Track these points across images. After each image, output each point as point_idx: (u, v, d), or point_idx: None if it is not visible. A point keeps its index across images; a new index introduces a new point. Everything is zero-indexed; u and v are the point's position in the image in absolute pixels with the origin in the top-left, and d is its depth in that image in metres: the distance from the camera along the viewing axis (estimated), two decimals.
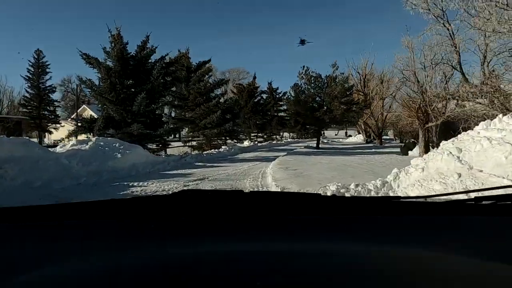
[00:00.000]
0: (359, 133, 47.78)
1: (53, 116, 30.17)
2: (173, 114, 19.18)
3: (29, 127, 28.66)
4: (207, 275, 0.45)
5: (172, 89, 12.72)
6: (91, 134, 10.29)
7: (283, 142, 27.96)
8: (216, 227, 0.72)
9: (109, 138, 9.38)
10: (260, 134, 26.81)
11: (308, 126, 41.53)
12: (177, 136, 21.72)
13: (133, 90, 10.64)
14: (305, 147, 19.91)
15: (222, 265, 0.50)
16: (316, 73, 18.02)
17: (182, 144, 16.54)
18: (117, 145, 8.89)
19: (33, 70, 33.72)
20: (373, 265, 0.51)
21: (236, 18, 78.00)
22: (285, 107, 31.61)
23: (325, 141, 30.93)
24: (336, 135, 73.43)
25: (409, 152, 12.08)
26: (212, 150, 14.43)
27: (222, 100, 17.28)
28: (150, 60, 11.04)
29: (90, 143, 8.51)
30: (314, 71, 18.11)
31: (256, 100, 25.80)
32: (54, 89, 33.16)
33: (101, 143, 8.71)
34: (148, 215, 0.79)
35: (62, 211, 0.83)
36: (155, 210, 0.81)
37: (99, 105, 10.81)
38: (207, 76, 16.25)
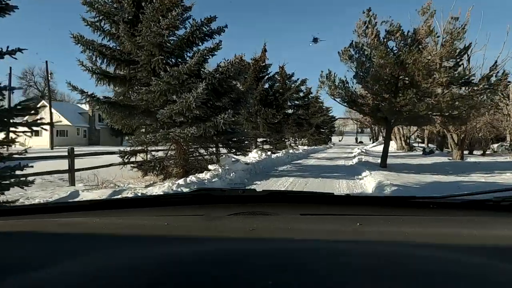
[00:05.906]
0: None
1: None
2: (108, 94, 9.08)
3: None
4: (219, 273, 0.44)
5: None
6: None
7: (301, 151, 19.17)
8: (229, 225, 0.73)
9: None
10: (268, 140, 17.92)
11: (322, 130, 32.78)
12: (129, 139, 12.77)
13: None
14: (358, 163, 11.13)
15: (234, 263, 0.49)
16: (394, 24, 9.36)
17: (121, 162, 7.50)
18: None
19: None
20: (388, 264, 0.49)
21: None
22: (295, 103, 22.86)
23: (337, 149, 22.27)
24: (340, 141, 63.36)
25: None
26: (187, 178, 5.52)
27: (209, 66, 8.33)
28: None
29: None
30: (388, 20, 9.45)
31: (266, 86, 16.94)
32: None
33: None
34: (163, 213, 0.85)
35: (68, 209, 0.88)
36: (170, 208, 0.89)
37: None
38: (177, 10, 7.32)
